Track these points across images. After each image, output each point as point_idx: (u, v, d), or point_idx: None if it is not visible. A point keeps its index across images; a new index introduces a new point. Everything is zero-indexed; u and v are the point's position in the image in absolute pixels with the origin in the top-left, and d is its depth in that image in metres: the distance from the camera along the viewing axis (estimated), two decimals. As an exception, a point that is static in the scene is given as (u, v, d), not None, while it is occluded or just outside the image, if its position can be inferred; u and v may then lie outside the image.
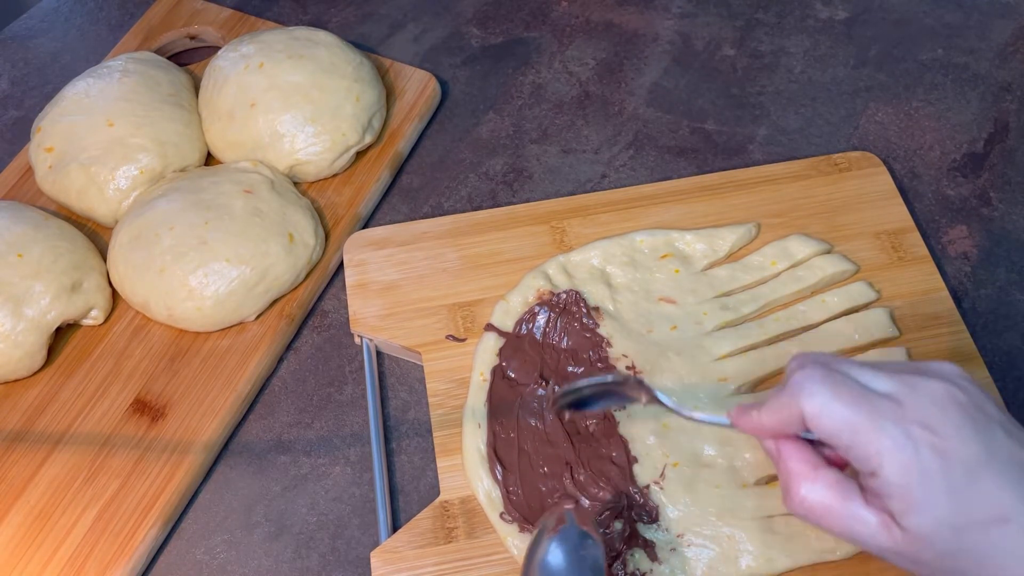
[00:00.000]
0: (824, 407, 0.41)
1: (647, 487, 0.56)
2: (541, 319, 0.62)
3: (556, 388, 0.59)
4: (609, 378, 0.49)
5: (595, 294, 0.63)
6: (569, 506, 0.54)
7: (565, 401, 0.49)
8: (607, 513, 0.54)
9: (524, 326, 0.62)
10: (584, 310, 0.62)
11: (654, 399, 0.48)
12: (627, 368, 0.60)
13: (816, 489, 0.42)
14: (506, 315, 0.63)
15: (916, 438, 0.39)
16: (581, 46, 0.83)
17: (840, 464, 0.43)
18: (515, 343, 0.61)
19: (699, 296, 0.63)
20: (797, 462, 0.43)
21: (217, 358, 0.64)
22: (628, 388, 0.48)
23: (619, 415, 0.58)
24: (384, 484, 0.59)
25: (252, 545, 0.58)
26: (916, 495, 0.39)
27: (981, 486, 0.39)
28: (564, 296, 0.63)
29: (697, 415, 0.46)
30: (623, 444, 0.57)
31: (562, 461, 0.57)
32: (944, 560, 0.39)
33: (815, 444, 0.44)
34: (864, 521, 0.41)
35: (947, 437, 0.39)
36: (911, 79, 0.78)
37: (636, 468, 0.56)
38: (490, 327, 0.62)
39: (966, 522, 0.38)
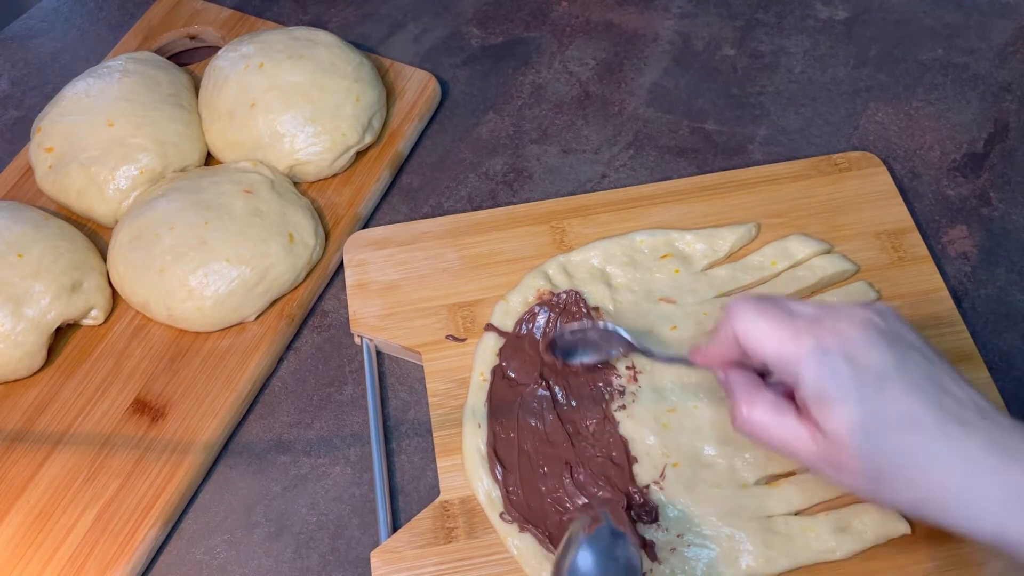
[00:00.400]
0: (751, 324, 0.46)
1: (647, 487, 0.56)
2: (541, 319, 0.62)
3: (557, 389, 0.60)
4: (588, 324, 0.58)
5: (595, 294, 0.63)
6: (604, 507, 0.54)
7: (551, 345, 0.58)
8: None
9: (524, 326, 0.62)
10: (584, 310, 0.62)
11: (626, 343, 0.55)
12: (626, 368, 0.60)
13: (755, 408, 0.47)
14: (506, 315, 0.63)
15: (829, 346, 0.44)
16: (581, 46, 0.83)
17: (791, 397, 0.47)
18: (515, 343, 0.61)
19: (699, 296, 0.63)
20: (740, 387, 0.48)
21: (217, 358, 0.64)
22: (599, 334, 0.57)
23: (619, 415, 0.58)
24: (384, 484, 0.59)
25: (252, 545, 0.58)
26: (830, 397, 0.43)
27: (891, 393, 0.43)
28: (564, 296, 0.63)
29: (659, 354, 0.54)
30: (623, 444, 0.57)
31: (562, 461, 0.57)
32: (864, 463, 0.43)
33: (766, 379, 0.49)
34: (795, 433, 0.45)
35: (859, 347, 0.43)
36: (911, 79, 0.78)
37: (636, 468, 0.56)
38: (490, 327, 0.62)
39: (877, 425, 0.42)
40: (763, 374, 0.49)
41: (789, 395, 0.47)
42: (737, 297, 0.48)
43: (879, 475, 0.43)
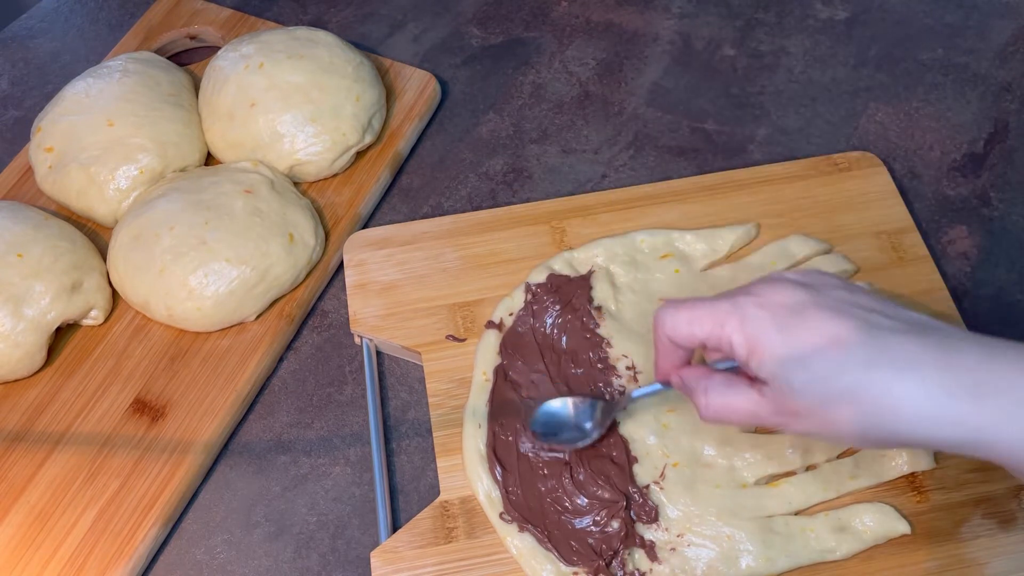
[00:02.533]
0: (672, 321, 0.47)
1: (647, 487, 0.56)
2: (542, 318, 0.62)
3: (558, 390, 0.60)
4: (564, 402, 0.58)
5: (599, 292, 0.63)
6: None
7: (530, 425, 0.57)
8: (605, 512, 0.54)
9: (525, 324, 0.62)
10: (587, 306, 0.62)
11: (603, 409, 0.57)
12: (627, 368, 0.60)
13: (710, 394, 0.47)
14: (508, 313, 0.63)
15: (742, 303, 0.45)
16: (581, 46, 0.83)
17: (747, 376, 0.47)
18: (517, 341, 0.61)
19: (699, 296, 0.63)
20: (693, 379, 0.48)
21: (217, 358, 0.64)
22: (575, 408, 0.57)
23: (619, 415, 0.58)
24: (384, 484, 0.59)
25: (252, 545, 0.58)
26: (756, 346, 0.43)
27: (808, 319, 0.42)
28: (574, 280, 0.63)
29: (635, 395, 0.54)
30: (623, 444, 0.57)
31: (561, 461, 0.57)
32: (806, 398, 0.42)
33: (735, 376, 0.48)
34: (749, 398, 0.45)
35: (770, 295, 0.44)
36: (911, 79, 0.78)
37: (636, 468, 0.56)
38: (491, 324, 0.62)
39: (804, 351, 0.42)
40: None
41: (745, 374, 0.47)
42: (660, 307, 0.48)
43: (824, 407, 0.42)
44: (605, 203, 0.68)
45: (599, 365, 0.60)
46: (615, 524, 0.54)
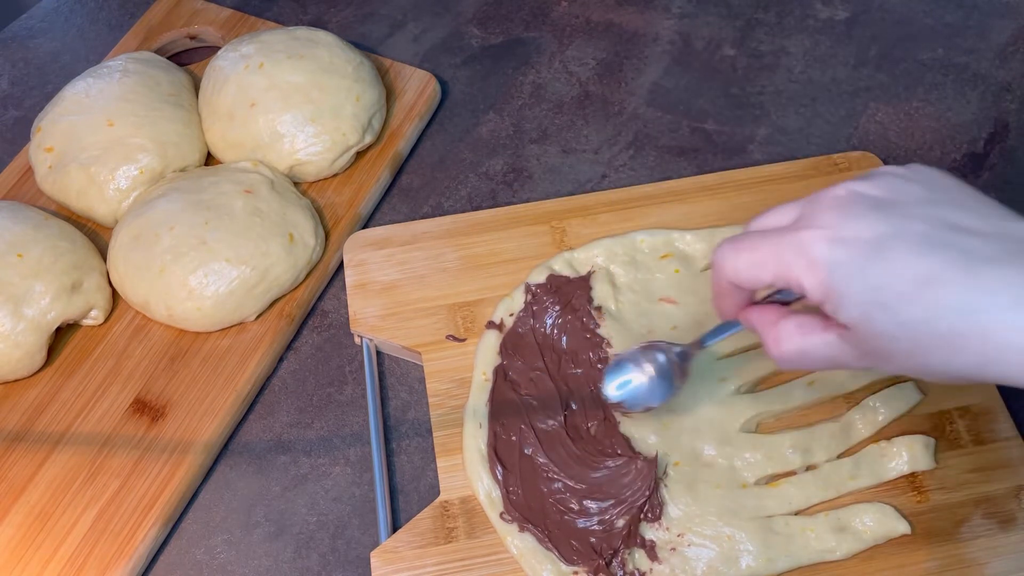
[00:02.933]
0: (733, 265, 0.43)
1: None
2: (542, 318, 0.62)
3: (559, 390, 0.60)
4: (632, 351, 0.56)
5: (599, 292, 0.63)
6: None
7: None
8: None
9: (526, 325, 0.62)
10: (587, 307, 0.62)
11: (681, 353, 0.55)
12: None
13: (782, 343, 0.43)
14: (508, 313, 0.63)
15: (809, 241, 0.39)
16: (581, 46, 0.83)
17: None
18: (517, 341, 0.61)
19: (699, 296, 0.63)
20: (762, 327, 0.45)
21: (217, 358, 0.64)
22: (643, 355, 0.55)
23: (619, 414, 0.58)
24: (384, 484, 0.59)
25: (252, 545, 0.58)
26: (835, 290, 0.39)
27: (892, 257, 0.37)
28: (573, 280, 0.63)
29: (708, 339, 0.52)
30: (624, 443, 0.57)
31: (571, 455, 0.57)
32: (899, 342, 0.38)
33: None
34: (828, 343, 0.41)
35: (844, 226, 0.39)
36: (911, 79, 0.78)
37: (636, 468, 0.56)
38: (491, 325, 0.62)
39: (891, 295, 0.37)
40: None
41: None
42: (718, 246, 0.44)
43: (918, 352, 0.37)
44: (605, 203, 0.68)
45: (599, 365, 0.60)
46: (620, 522, 0.54)
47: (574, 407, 0.59)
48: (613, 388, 0.55)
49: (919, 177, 0.41)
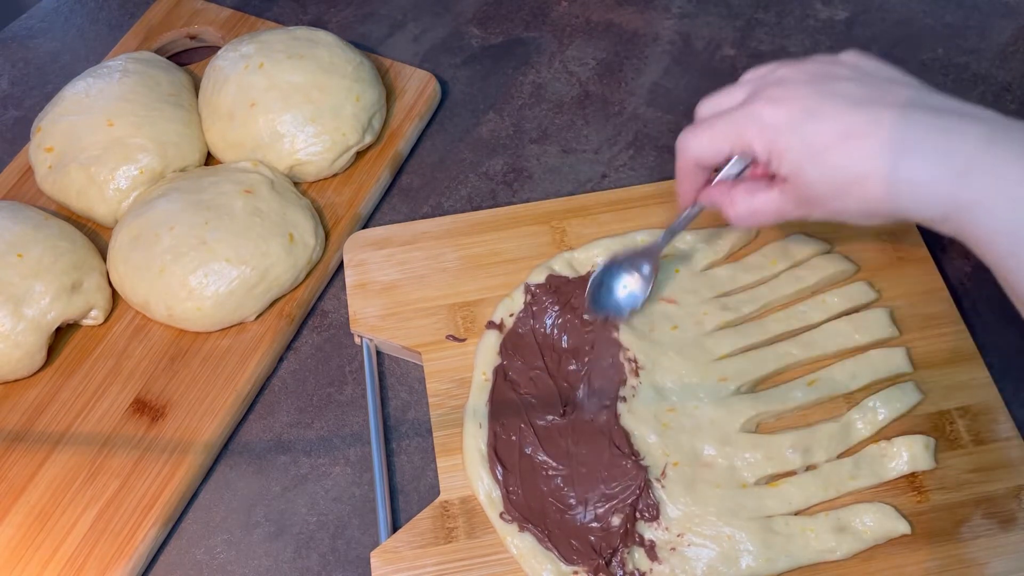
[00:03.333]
0: (696, 144, 0.51)
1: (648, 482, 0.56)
2: (542, 318, 0.62)
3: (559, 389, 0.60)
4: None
5: (596, 294, 0.63)
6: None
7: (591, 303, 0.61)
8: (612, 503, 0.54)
9: (526, 325, 0.62)
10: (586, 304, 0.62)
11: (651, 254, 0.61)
12: (628, 361, 0.60)
13: (736, 204, 0.51)
14: (508, 313, 0.63)
15: (757, 111, 0.47)
16: (581, 46, 0.83)
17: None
18: (517, 341, 0.61)
19: (699, 296, 0.63)
20: (718, 195, 0.53)
21: (217, 358, 0.64)
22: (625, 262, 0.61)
23: (620, 407, 0.58)
24: (384, 484, 0.59)
25: (252, 545, 0.58)
26: (778, 147, 0.46)
27: (823, 115, 0.45)
28: (573, 280, 0.63)
29: (672, 227, 0.58)
30: (624, 438, 0.57)
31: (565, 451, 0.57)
32: (829, 188, 0.46)
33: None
34: (771, 198, 0.49)
35: (785, 98, 0.47)
36: (911, 79, 0.78)
37: (636, 468, 0.56)
38: (491, 325, 0.62)
39: (820, 146, 0.45)
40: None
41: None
42: (681, 135, 0.51)
43: (837, 194, 0.46)
44: (605, 203, 0.68)
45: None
46: (616, 520, 0.54)
47: (575, 401, 0.59)
48: (596, 303, 0.61)
49: (847, 59, 0.49)
